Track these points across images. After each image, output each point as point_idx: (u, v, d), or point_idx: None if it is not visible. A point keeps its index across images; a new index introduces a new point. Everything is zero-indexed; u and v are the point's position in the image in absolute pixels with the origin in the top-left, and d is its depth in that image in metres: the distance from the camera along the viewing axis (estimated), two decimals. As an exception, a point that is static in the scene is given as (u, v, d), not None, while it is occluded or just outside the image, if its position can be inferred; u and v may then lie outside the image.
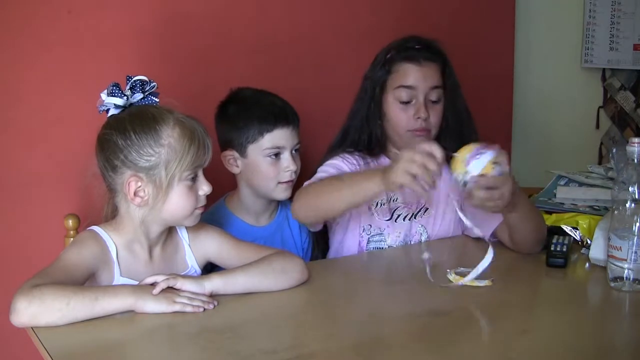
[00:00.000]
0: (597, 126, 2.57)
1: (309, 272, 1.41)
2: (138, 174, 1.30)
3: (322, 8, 2.16)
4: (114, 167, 1.32)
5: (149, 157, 1.29)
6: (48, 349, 1.10)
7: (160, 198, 1.31)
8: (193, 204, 1.34)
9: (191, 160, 1.31)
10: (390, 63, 1.68)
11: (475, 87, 1.76)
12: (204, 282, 1.28)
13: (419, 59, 1.66)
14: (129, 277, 1.32)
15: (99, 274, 1.31)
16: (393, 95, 1.67)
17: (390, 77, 1.67)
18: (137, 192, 1.31)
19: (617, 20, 2.46)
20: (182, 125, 1.32)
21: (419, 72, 1.65)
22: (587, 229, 1.65)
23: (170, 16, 1.91)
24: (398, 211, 1.72)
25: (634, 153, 1.36)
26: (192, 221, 1.37)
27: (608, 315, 1.33)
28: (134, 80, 1.34)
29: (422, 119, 1.64)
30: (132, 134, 1.29)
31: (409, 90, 1.65)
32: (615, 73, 2.51)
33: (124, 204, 1.34)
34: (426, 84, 1.65)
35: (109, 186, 1.35)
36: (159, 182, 1.30)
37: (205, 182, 1.35)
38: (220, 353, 1.12)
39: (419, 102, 1.65)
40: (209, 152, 1.35)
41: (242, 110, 1.69)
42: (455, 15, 2.40)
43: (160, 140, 1.29)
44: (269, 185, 1.70)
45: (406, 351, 1.14)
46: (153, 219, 1.34)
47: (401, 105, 1.66)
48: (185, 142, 1.30)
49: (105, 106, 1.34)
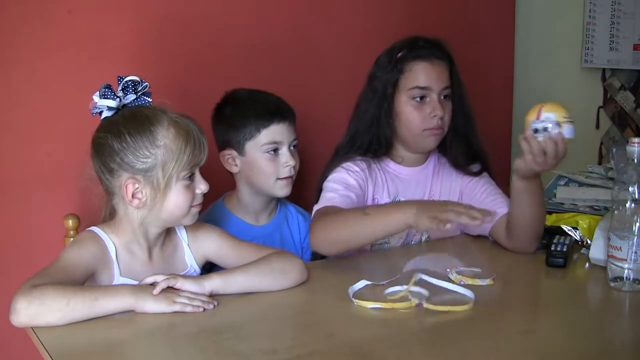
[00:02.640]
0: (597, 126, 2.57)
1: (308, 272, 1.41)
2: (135, 176, 1.30)
3: (322, 8, 2.16)
4: (110, 170, 1.31)
5: (145, 159, 1.29)
6: (48, 349, 1.10)
7: (158, 199, 1.31)
8: (190, 203, 1.34)
9: (188, 159, 1.31)
10: (401, 62, 1.67)
11: (475, 87, 1.76)
12: (204, 282, 1.28)
13: (431, 57, 1.66)
14: (129, 277, 1.32)
15: (98, 273, 1.31)
16: (407, 95, 1.66)
17: (403, 77, 1.66)
18: (135, 194, 1.31)
19: (617, 20, 2.46)
20: (176, 125, 1.31)
21: (432, 70, 1.65)
22: (587, 229, 1.65)
23: (170, 17, 1.91)
24: None
25: (634, 153, 1.36)
26: (190, 220, 1.37)
27: (608, 315, 1.33)
28: (126, 81, 1.33)
29: (438, 117, 1.64)
30: (127, 136, 1.29)
31: (423, 90, 1.65)
32: (615, 73, 2.51)
33: (122, 206, 1.34)
34: (439, 83, 1.65)
35: (106, 189, 1.35)
36: (156, 183, 1.30)
37: (203, 181, 1.35)
38: (220, 353, 1.12)
39: (434, 100, 1.65)
40: (204, 150, 1.35)
41: (238, 110, 1.70)
42: (455, 15, 2.40)
43: (155, 141, 1.29)
44: (269, 182, 1.70)
45: (406, 351, 1.14)
46: (152, 220, 1.34)
47: (416, 104, 1.66)
48: (181, 142, 1.30)
49: (98, 108, 1.34)
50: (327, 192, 1.63)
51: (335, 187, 1.63)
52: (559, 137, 1.39)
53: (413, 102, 1.66)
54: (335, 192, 1.61)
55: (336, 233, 1.50)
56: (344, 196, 1.60)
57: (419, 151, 1.73)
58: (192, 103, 1.49)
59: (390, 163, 1.73)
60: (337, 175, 1.66)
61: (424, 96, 1.65)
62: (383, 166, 1.72)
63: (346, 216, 1.51)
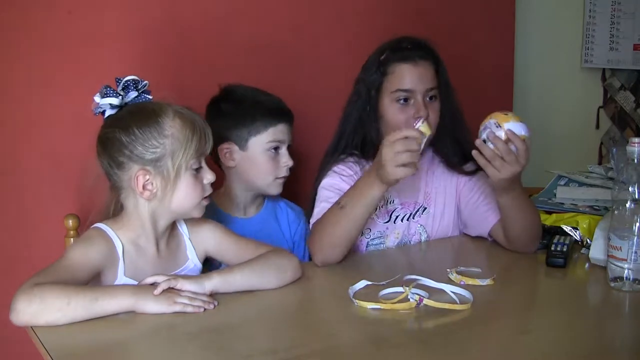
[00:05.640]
0: (597, 126, 2.57)
1: (302, 270, 1.43)
2: (145, 167, 1.31)
3: (321, 8, 2.16)
4: (119, 164, 1.32)
5: (154, 149, 1.31)
6: (48, 349, 1.10)
7: (169, 189, 1.32)
8: (200, 194, 1.36)
9: (195, 148, 1.33)
10: (384, 64, 1.66)
11: (475, 87, 1.76)
12: (204, 282, 1.29)
13: (414, 58, 1.64)
14: (133, 277, 1.33)
15: (104, 272, 1.31)
16: (390, 98, 1.66)
17: (386, 79, 1.66)
18: (146, 186, 1.32)
19: (617, 20, 2.46)
20: (182, 116, 1.34)
21: (415, 72, 1.64)
22: (587, 229, 1.66)
23: (170, 17, 1.91)
24: (396, 212, 1.72)
25: (634, 153, 1.36)
26: (199, 211, 1.38)
27: (608, 315, 1.33)
28: (127, 80, 1.35)
29: (422, 117, 1.64)
30: (135, 129, 1.31)
31: (407, 92, 1.64)
32: (615, 73, 2.51)
33: (132, 200, 1.35)
34: (423, 85, 1.64)
35: (114, 184, 1.36)
36: (166, 173, 1.32)
37: (209, 171, 1.38)
38: (220, 353, 1.12)
39: (418, 101, 1.64)
40: (210, 140, 1.37)
41: (245, 106, 1.71)
42: (456, 16, 2.40)
43: (163, 131, 1.31)
44: (267, 180, 1.72)
45: (406, 351, 1.14)
46: (162, 211, 1.35)
47: (399, 106, 1.65)
48: (188, 131, 1.32)
49: (101, 108, 1.35)
50: (321, 202, 1.64)
51: (328, 195, 1.64)
52: (509, 134, 1.42)
53: (397, 104, 1.65)
54: (328, 201, 1.61)
55: (329, 237, 1.52)
56: None
57: None
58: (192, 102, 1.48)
59: None
60: (330, 181, 1.67)
61: (408, 98, 1.65)
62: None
63: (328, 218, 1.54)
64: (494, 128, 1.43)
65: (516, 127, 1.43)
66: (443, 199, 1.74)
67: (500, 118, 1.44)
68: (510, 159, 1.42)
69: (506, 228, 1.58)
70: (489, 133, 1.44)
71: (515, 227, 1.56)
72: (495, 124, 1.43)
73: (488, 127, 1.44)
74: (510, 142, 1.42)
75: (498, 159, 1.42)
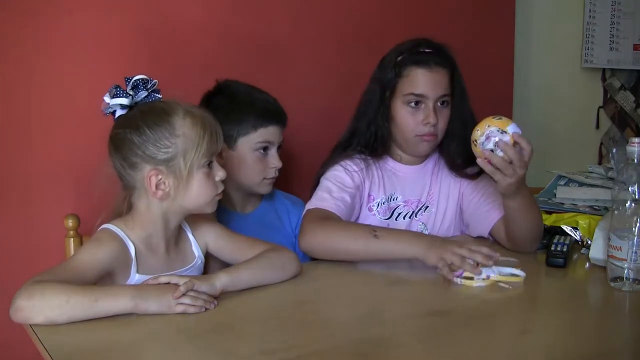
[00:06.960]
0: (597, 126, 2.57)
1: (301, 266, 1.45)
2: (158, 167, 1.32)
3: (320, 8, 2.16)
4: (132, 164, 1.33)
5: (166, 149, 1.31)
6: (48, 349, 1.10)
7: (181, 188, 1.33)
8: (213, 191, 1.37)
9: (207, 146, 1.34)
10: (400, 66, 1.66)
11: (475, 87, 1.75)
12: (215, 282, 1.30)
13: (430, 63, 1.64)
14: (146, 273, 1.33)
15: (115, 273, 1.31)
16: (402, 100, 1.66)
17: (401, 82, 1.66)
18: (159, 185, 1.33)
19: (617, 20, 2.46)
20: (192, 115, 1.34)
21: (429, 78, 1.64)
22: (587, 229, 1.66)
23: (170, 17, 1.91)
24: (399, 209, 1.72)
25: (634, 153, 1.36)
26: (213, 207, 1.40)
27: (608, 315, 1.33)
28: (136, 80, 1.35)
29: (430, 124, 1.64)
30: (147, 129, 1.31)
31: (418, 97, 1.64)
32: (615, 73, 2.51)
33: (144, 199, 1.35)
34: (436, 92, 1.64)
35: (126, 184, 1.36)
36: (179, 172, 1.32)
37: (220, 168, 1.38)
38: (220, 353, 1.12)
39: (429, 108, 1.64)
40: (220, 138, 1.38)
41: (237, 103, 1.70)
42: (455, 15, 2.40)
43: (174, 131, 1.32)
44: (254, 180, 1.72)
45: (406, 351, 1.14)
46: (174, 210, 1.36)
47: (410, 109, 1.65)
48: (199, 130, 1.33)
49: (111, 108, 1.35)
50: (322, 191, 1.64)
51: (331, 187, 1.64)
52: (515, 137, 1.41)
53: (408, 107, 1.66)
54: (330, 193, 1.62)
55: (337, 243, 1.52)
56: (337, 199, 1.61)
57: (413, 154, 1.74)
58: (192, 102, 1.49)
59: (389, 160, 1.74)
60: (335, 173, 1.68)
61: (419, 102, 1.65)
62: (382, 163, 1.73)
63: (355, 232, 1.53)
64: (499, 135, 1.42)
65: (516, 128, 1.43)
66: (446, 199, 1.75)
67: (499, 123, 1.43)
68: (520, 163, 1.42)
69: (512, 229, 1.58)
70: (498, 142, 1.42)
71: (521, 227, 1.56)
72: (498, 130, 1.42)
73: (491, 136, 1.42)
74: (517, 144, 1.42)
75: (509, 167, 1.42)
